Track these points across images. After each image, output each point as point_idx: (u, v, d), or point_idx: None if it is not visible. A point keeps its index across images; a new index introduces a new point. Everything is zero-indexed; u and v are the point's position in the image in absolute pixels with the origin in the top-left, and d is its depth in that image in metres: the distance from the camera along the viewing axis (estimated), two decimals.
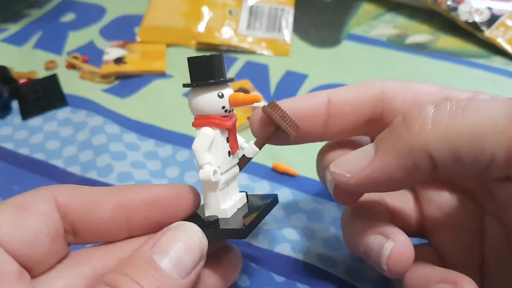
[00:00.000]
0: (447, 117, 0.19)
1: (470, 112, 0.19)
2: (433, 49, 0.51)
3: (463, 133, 0.18)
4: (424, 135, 0.19)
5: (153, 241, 0.21)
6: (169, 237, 0.21)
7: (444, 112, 0.19)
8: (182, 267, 0.20)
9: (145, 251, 0.20)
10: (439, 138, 0.19)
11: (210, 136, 0.22)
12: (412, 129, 0.19)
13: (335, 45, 0.52)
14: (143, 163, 0.38)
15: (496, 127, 0.18)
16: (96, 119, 0.41)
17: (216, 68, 0.22)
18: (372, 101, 0.25)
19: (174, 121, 0.42)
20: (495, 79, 0.46)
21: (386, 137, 0.21)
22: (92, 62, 0.49)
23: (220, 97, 0.22)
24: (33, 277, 0.20)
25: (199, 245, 0.21)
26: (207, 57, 0.22)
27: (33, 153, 0.39)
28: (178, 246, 0.20)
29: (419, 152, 0.19)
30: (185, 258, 0.20)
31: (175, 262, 0.20)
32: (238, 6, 0.54)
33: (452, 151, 0.19)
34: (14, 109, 0.44)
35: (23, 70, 0.48)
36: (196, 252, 0.21)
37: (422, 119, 0.19)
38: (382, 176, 0.20)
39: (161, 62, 0.48)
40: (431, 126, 0.19)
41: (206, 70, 0.22)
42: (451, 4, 0.51)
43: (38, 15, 0.56)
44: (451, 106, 0.19)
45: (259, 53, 0.51)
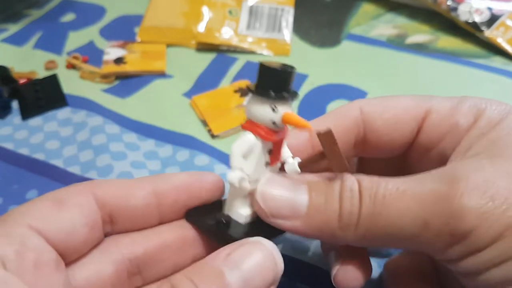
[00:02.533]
0: (366, 225, 0.20)
1: (384, 222, 0.20)
2: (433, 49, 0.51)
3: (381, 238, 0.21)
4: (348, 233, 0.21)
5: (228, 251, 0.20)
6: (244, 252, 0.20)
7: (365, 217, 0.20)
8: (250, 286, 0.19)
9: (217, 261, 0.20)
10: (360, 239, 0.21)
11: (249, 144, 0.22)
12: (341, 224, 0.21)
13: (335, 45, 0.52)
14: (143, 163, 0.38)
15: (410, 235, 0.20)
16: (96, 119, 0.41)
17: (282, 82, 0.22)
18: (353, 124, 0.25)
19: (174, 121, 0.42)
20: (495, 79, 0.46)
21: (318, 210, 0.21)
22: (92, 62, 0.49)
23: (273, 111, 0.22)
24: (67, 264, 0.21)
25: (273, 267, 0.20)
26: (277, 69, 0.21)
27: (33, 153, 0.39)
28: (252, 264, 0.20)
29: (342, 241, 0.21)
30: (256, 278, 0.20)
31: (244, 280, 0.19)
32: (238, 6, 0.54)
33: (376, 246, 0.22)
34: (14, 109, 0.44)
35: (23, 70, 0.48)
36: (269, 275, 0.20)
37: (349, 218, 0.21)
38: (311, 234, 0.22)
39: (161, 62, 0.48)
40: (355, 228, 0.21)
41: (272, 80, 0.22)
42: (451, 4, 0.51)
43: (38, 15, 0.56)
44: (369, 210, 0.20)
45: (259, 53, 0.51)
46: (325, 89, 0.46)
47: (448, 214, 0.19)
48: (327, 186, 0.22)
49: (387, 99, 0.25)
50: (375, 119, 0.25)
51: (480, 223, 0.19)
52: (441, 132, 0.24)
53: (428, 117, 0.24)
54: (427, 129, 0.24)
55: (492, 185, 0.19)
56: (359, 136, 0.25)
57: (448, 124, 0.24)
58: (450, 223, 0.19)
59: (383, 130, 0.25)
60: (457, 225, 0.19)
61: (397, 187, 0.20)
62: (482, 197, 0.19)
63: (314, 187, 0.22)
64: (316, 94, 0.45)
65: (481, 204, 0.19)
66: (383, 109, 0.25)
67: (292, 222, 0.22)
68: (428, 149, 0.25)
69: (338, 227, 0.21)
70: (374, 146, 0.25)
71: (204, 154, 0.38)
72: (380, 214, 0.20)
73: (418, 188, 0.20)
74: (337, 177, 0.22)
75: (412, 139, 0.25)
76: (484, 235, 0.19)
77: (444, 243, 0.19)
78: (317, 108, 0.43)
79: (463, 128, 0.23)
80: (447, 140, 0.24)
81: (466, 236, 0.19)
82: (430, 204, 0.19)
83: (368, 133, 0.25)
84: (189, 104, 0.44)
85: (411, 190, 0.20)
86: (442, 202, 0.19)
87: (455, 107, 0.24)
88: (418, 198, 0.20)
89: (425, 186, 0.20)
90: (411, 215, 0.20)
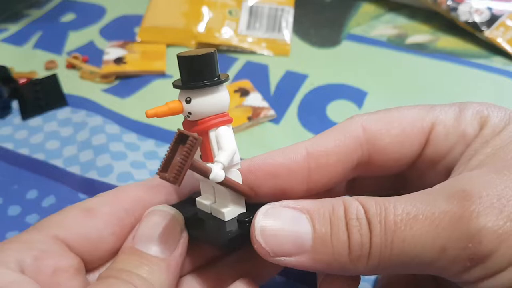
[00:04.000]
0: (378, 256, 0.19)
1: (397, 250, 0.19)
2: (433, 49, 0.51)
3: (395, 267, 0.19)
4: (360, 266, 0.19)
5: (132, 234, 0.22)
6: (144, 225, 0.21)
7: (377, 247, 0.19)
8: (166, 246, 0.21)
9: (128, 244, 0.21)
10: (374, 270, 0.20)
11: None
12: (351, 258, 0.19)
13: (335, 45, 0.52)
14: (143, 163, 0.38)
15: (426, 261, 0.19)
16: (96, 119, 0.41)
17: (180, 70, 0.21)
18: (356, 145, 0.23)
19: (174, 121, 0.42)
20: (495, 79, 0.46)
21: (325, 243, 0.20)
22: (92, 62, 0.49)
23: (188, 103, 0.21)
24: (93, 269, 0.22)
25: (174, 220, 0.22)
26: (181, 57, 0.21)
27: (33, 153, 0.39)
28: (154, 229, 0.21)
29: (354, 274, 0.20)
30: (166, 237, 0.21)
31: (157, 244, 0.21)
32: (238, 6, 0.54)
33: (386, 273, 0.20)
34: (14, 109, 0.44)
35: (23, 70, 0.48)
36: (175, 228, 0.21)
37: (360, 251, 0.19)
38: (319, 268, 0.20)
39: (161, 62, 0.48)
40: (367, 260, 0.19)
41: (180, 70, 0.21)
42: (451, 4, 0.51)
43: (38, 15, 0.56)
44: (381, 239, 0.19)
45: (259, 53, 0.51)
46: (325, 89, 0.46)
47: (466, 237, 0.18)
48: (330, 213, 0.20)
49: (390, 113, 0.24)
50: (382, 137, 0.23)
51: (499, 245, 0.18)
52: (449, 144, 0.23)
53: (434, 129, 0.23)
54: (434, 141, 0.23)
55: (507, 203, 0.18)
56: (362, 157, 0.23)
57: (456, 135, 0.23)
58: (468, 247, 0.18)
59: (391, 148, 0.23)
60: (476, 248, 0.18)
61: (407, 212, 0.19)
62: (499, 217, 0.18)
63: (316, 216, 0.20)
64: (316, 94, 0.45)
65: (499, 225, 0.18)
66: (389, 125, 0.23)
67: (297, 258, 0.20)
68: (435, 162, 0.23)
69: (349, 260, 0.19)
70: (379, 165, 0.24)
71: None
72: (392, 243, 0.19)
73: (430, 211, 0.19)
74: (337, 202, 0.20)
75: (418, 155, 0.24)
76: (503, 257, 0.18)
77: (462, 267, 0.19)
78: (317, 108, 0.43)
79: (471, 137, 0.22)
80: (456, 151, 0.23)
81: (484, 259, 0.18)
82: (445, 228, 0.18)
83: (374, 153, 0.23)
84: None
85: (422, 215, 0.19)
86: (458, 225, 0.18)
87: (459, 116, 0.23)
88: (431, 223, 0.19)
89: (436, 208, 0.19)
90: (427, 241, 0.19)
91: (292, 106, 0.44)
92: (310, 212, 0.20)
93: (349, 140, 0.23)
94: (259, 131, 0.41)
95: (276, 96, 0.45)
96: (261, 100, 0.43)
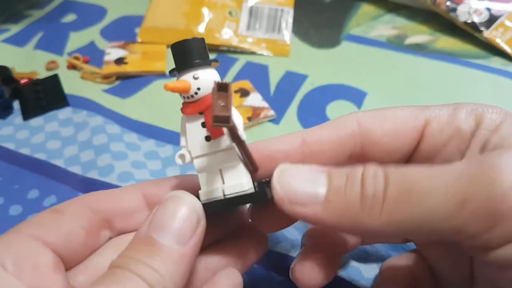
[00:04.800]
0: (393, 205, 0.19)
1: (415, 199, 0.19)
2: (432, 49, 0.51)
3: (410, 221, 0.19)
4: (373, 218, 0.19)
5: (148, 221, 0.21)
6: (161, 212, 0.21)
7: (392, 196, 0.19)
8: (180, 236, 0.20)
9: (142, 232, 0.21)
10: (387, 224, 0.19)
11: (181, 121, 0.23)
12: (364, 207, 0.19)
13: (334, 46, 0.52)
14: (143, 163, 0.38)
15: (443, 215, 0.18)
16: (96, 119, 0.42)
17: (179, 55, 0.22)
18: (349, 136, 0.24)
19: (175, 121, 0.42)
20: (494, 80, 0.46)
21: (338, 193, 0.20)
22: (93, 63, 0.49)
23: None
24: (70, 268, 0.22)
25: (192, 209, 0.21)
26: (182, 41, 0.23)
27: (34, 153, 0.39)
28: (172, 218, 0.21)
29: (367, 228, 0.20)
30: (182, 227, 0.21)
31: (172, 234, 0.20)
32: (238, 7, 0.54)
33: (402, 234, 0.19)
34: (15, 109, 0.44)
35: (24, 70, 0.48)
36: (192, 218, 0.21)
37: (373, 199, 0.19)
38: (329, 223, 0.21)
39: (161, 63, 0.49)
40: (380, 210, 0.19)
41: (174, 56, 0.23)
42: (450, 4, 0.52)
43: (39, 16, 0.57)
44: (398, 189, 0.19)
45: (259, 53, 0.51)
46: (325, 89, 0.46)
47: (488, 189, 0.17)
48: (348, 172, 0.21)
49: (384, 111, 0.25)
50: (375, 130, 0.24)
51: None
52: (444, 138, 0.24)
53: (428, 125, 0.24)
54: (429, 136, 0.24)
55: None
56: (355, 148, 0.25)
57: (450, 130, 0.23)
58: (491, 199, 0.17)
59: (383, 141, 0.24)
60: (499, 202, 0.17)
61: (428, 168, 0.19)
62: None
63: (333, 173, 0.21)
64: (316, 94, 0.45)
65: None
66: (382, 120, 0.24)
67: (311, 208, 0.20)
68: (431, 157, 0.24)
69: (361, 209, 0.19)
70: (373, 158, 0.25)
71: None
72: (410, 191, 0.19)
73: (451, 168, 0.19)
74: (357, 166, 0.21)
75: (411, 150, 0.25)
76: None
77: (482, 225, 0.18)
78: (317, 108, 0.44)
79: (466, 132, 0.23)
80: (452, 145, 0.23)
81: (507, 218, 0.17)
82: (466, 181, 0.18)
83: (367, 145, 0.24)
84: None
85: (443, 170, 0.19)
86: (479, 178, 0.18)
87: (453, 114, 0.24)
88: (452, 175, 0.18)
89: (457, 166, 0.19)
90: (446, 192, 0.18)
91: (292, 106, 0.44)
92: (329, 170, 0.21)
93: (343, 131, 0.24)
94: (259, 131, 0.41)
95: (276, 96, 0.45)
96: (261, 100, 0.44)
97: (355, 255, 0.30)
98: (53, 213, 0.22)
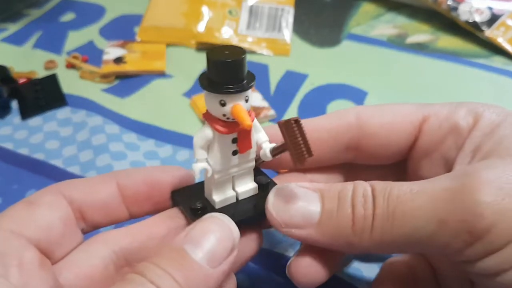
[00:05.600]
0: (381, 228, 0.20)
1: (400, 221, 0.20)
2: (433, 49, 0.51)
3: (399, 241, 0.20)
4: (364, 239, 0.21)
5: (185, 232, 0.21)
6: (201, 228, 0.21)
7: (379, 219, 0.20)
8: (213, 258, 0.20)
9: (176, 242, 0.20)
10: (378, 244, 0.21)
11: (206, 137, 0.22)
12: (354, 230, 0.21)
13: (335, 45, 0.52)
14: (143, 163, 0.38)
15: (427, 234, 0.19)
16: (95, 119, 0.41)
17: (230, 73, 0.21)
18: (347, 127, 0.25)
19: (174, 121, 0.42)
20: (495, 79, 0.46)
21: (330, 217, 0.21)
22: (92, 62, 0.49)
23: (222, 105, 0.21)
24: (53, 263, 0.21)
25: (230, 235, 0.21)
26: (222, 60, 0.20)
27: (32, 153, 0.39)
28: (210, 237, 0.20)
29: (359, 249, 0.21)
30: (216, 249, 0.20)
31: (205, 252, 0.20)
32: (238, 6, 0.54)
33: (394, 251, 0.21)
34: (13, 109, 0.44)
35: (23, 70, 0.48)
36: (228, 243, 0.21)
37: (363, 223, 0.21)
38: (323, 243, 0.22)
39: (161, 62, 0.48)
40: (370, 233, 0.20)
41: (219, 72, 0.21)
42: (451, 4, 0.51)
43: (37, 15, 0.56)
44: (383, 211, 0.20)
45: (259, 53, 0.51)
46: (325, 89, 0.46)
47: (465, 210, 0.19)
48: (339, 192, 0.22)
49: (384, 106, 0.26)
50: (373, 123, 0.25)
51: (499, 219, 0.18)
52: (442, 134, 0.24)
53: (427, 121, 0.24)
54: (427, 132, 0.24)
55: (507, 181, 0.19)
56: (352, 140, 0.25)
57: (448, 126, 0.24)
58: (467, 220, 0.19)
59: (380, 134, 0.25)
60: (475, 221, 0.18)
61: (410, 188, 0.20)
62: (498, 193, 0.18)
63: (326, 194, 0.22)
64: (316, 94, 0.45)
65: (497, 201, 0.18)
66: (380, 114, 0.25)
67: (305, 230, 0.22)
68: (429, 153, 0.25)
69: (352, 232, 0.21)
70: (369, 152, 0.25)
71: None
72: (394, 214, 0.20)
73: (431, 187, 0.20)
74: (347, 184, 0.22)
75: (409, 145, 0.25)
76: (503, 232, 0.18)
77: (462, 243, 0.19)
78: (317, 108, 0.43)
79: (464, 129, 0.23)
80: (449, 142, 0.24)
81: (484, 234, 0.18)
82: (445, 202, 0.19)
83: (364, 138, 0.25)
84: (189, 104, 0.44)
85: (424, 190, 0.20)
86: (457, 199, 0.19)
87: (453, 111, 0.24)
88: (431, 196, 0.19)
89: (437, 185, 0.20)
90: (426, 214, 0.19)
91: (292, 106, 0.44)
92: (322, 191, 0.22)
93: (340, 121, 0.25)
94: None
95: (276, 96, 0.45)
96: (261, 100, 0.43)
97: (355, 255, 0.30)
98: (27, 205, 0.22)
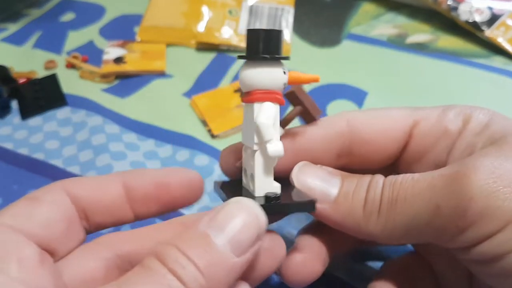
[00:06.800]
0: (386, 213, 0.21)
1: (402, 206, 0.21)
2: (434, 48, 0.51)
3: (401, 227, 0.21)
4: (371, 224, 0.22)
5: (209, 216, 0.20)
6: (226, 213, 0.20)
7: (385, 204, 0.22)
8: (238, 245, 0.19)
9: (200, 226, 0.19)
10: (382, 230, 0.22)
11: (275, 112, 0.22)
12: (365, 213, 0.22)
13: (335, 45, 0.52)
14: (143, 163, 0.38)
15: (424, 221, 0.20)
16: (95, 118, 0.41)
17: (278, 43, 0.22)
18: (338, 135, 0.25)
19: (174, 121, 0.42)
20: (495, 79, 0.46)
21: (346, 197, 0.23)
22: (92, 62, 0.49)
23: (284, 73, 0.22)
24: (56, 261, 0.21)
25: (256, 223, 0.20)
26: (275, 31, 0.22)
27: (32, 153, 0.39)
28: (235, 223, 0.19)
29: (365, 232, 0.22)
30: (241, 236, 0.19)
31: (230, 239, 0.19)
32: (238, 6, 0.54)
33: (397, 239, 0.22)
34: (13, 109, 0.44)
35: (23, 69, 0.48)
36: (253, 231, 0.20)
37: (372, 206, 0.22)
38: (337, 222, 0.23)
39: (161, 62, 0.48)
40: (376, 217, 0.22)
41: (272, 43, 0.22)
42: (451, 3, 0.51)
43: (37, 15, 0.56)
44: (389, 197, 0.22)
45: None
46: (325, 89, 0.46)
47: (457, 195, 0.19)
48: (359, 178, 0.23)
49: (375, 111, 0.26)
50: (364, 128, 0.25)
51: (489, 205, 0.19)
52: (432, 138, 0.24)
53: (417, 125, 0.25)
54: (417, 136, 0.25)
55: (499, 166, 0.19)
56: (343, 146, 0.25)
57: (438, 130, 0.24)
58: (460, 205, 0.19)
59: (371, 139, 0.25)
60: (467, 206, 0.19)
61: (412, 177, 0.21)
62: (490, 176, 0.19)
63: (347, 178, 0.23)
64: (316, 94, 0.45)
65: (489, 184, 0.19)
66: (370, 120, 0.25)
67: (322, 205, 0.23)
68: (420, 157, 0.25)
69: (363, 215, 0.22)
70: (361, 157, 0.26)
71: (204, 154, 0.38)
72: (397, 200, 0.21)
73: (430, 175, 0.21)
74: (366, 175, 0.23)
75: (400, 150, 0.25)
76: (497, 216, 0.19)
77: (457, 228, 0.19)
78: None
79: (454, 132, 0.24)
80: (440, 145, 0.24)
81: (477, 218, 0.19)
82: (440, 188, 0.20)
83: (355, 143, 0.25)
84: (189, 104, 0.44)
85: (424, 177, 0.21)
86: (451, 184, 0.20)
87: (442, 115, 0.24)
88: (430, 183, 0.20)
89: (437, 172, 0.21)
90: (424, 200, 0.20)
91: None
92: (344, 175, 0.24)
93: (332, 129, 0.26)
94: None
95: None
96: None
97: (355, 255, 0.30)
98: (29, 201, 0.21)
